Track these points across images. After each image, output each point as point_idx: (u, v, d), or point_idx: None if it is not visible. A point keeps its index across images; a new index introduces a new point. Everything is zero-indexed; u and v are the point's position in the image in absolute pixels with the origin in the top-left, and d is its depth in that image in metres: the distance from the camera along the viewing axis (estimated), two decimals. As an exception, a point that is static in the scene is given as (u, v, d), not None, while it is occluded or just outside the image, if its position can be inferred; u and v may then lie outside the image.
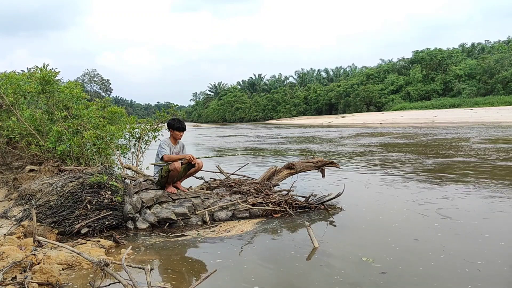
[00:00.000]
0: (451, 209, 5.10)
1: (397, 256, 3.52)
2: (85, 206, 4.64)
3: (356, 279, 3.07)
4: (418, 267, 3.26)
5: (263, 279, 3.17)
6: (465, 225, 4.39)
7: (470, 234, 4.07)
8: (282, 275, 3.23)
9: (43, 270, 3.08)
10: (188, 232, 4.52)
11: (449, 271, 3.14)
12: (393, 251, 3.65)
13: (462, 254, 3.50)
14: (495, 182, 6.72)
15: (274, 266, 3.42)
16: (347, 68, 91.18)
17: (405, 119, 38.55)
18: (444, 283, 2.95)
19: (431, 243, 3.82)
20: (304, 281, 3.08)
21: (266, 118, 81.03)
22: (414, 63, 59.73)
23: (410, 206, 5.35)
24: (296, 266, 3.40)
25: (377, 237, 4.12)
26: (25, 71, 20.55)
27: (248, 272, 3.32)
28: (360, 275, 3.13)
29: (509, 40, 59.18)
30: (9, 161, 8.32)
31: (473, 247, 3.70)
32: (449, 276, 3.06)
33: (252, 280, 3.14)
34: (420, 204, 5.41)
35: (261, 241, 4.14)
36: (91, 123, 7.05)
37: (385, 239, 4.02)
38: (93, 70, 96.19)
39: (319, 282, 3.05)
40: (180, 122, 5.27)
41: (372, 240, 4.04)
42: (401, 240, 3.97)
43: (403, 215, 4.94)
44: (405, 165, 9.25)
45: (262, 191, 5.48)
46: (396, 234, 4.19)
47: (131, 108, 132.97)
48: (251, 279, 3.16)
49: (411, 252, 3.64)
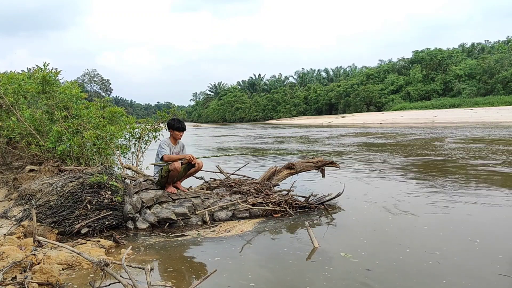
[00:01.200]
0: (441, 207, 5.10)
1: (397, 255, 3.52)
2: (85, 206, 4.64)
3: (356, 279, 3.07)
4: (418, 267, 3.26)
5: (263, 278, 3.17)
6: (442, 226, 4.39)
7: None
8: (282, 274, 3.23)
9: (43, 270, 3.08)
10: (188, 232, 4.52)
11: (449, 270, 3.14)
12: (393, 251, 3.65)
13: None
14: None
15: (274, 266, 3.42)
16: (347, 68, 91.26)
17: (405, 119, 38.55)
18: (441, 279, 2.95)
19: (431, 243, 3.82)
20: (304, 281, 3.08)
21: (266, 118, 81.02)
22: (414, 63, 59.74)
23: (410, 206, 5.35)
24: (296, 266, 3.40)
25: (377, 237, 4.12)
26: (25, 71, 20.51)
27: (248, 271, 3.32)
28: (360, 275, 3.13)
29: (509, 40, 59.17)
30: (9, 161, 8.32)
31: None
32: (449, 273, 3.07)
33: (252, 279, 3.14)
34: (421, 203, 5.41)
35: (261, 241, 4.14)
36: (91, 123, 7.05)
37: (385, 239, 4.03)
38: (93, 70, 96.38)
39: (319, 282, 3.05)
40: (180, 122, 5.28)
41: (372, 240, 4.04)
42: (401, 239, 3.97)
43: (403, 215, 4.94)
44: (401, 164, 9.25)
45: (262, 191, 5.48)
46: (396, 233, 4.19)
47: (131, 108, 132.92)
48: (251, 278, 3.16)
49: (411, 251, 3.64)
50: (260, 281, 3.11)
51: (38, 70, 7.33)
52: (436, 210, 5.09)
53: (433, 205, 5.36)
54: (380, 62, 73.36)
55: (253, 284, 3.06)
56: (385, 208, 5.35)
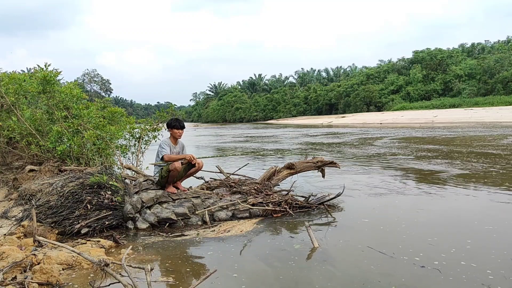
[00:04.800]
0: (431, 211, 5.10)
1: (397, 255, 3.52)
2: (85, 206, 4.64)
3: (356, 279, 3.07)
4: (418, 266, 3.26)
5: (262, 278, 3.17)
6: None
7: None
8: (281, 274, 3.23)
9: (43, 270, 3.09)
10: (188, 232, 4.52)
11: (450, 270, 3.15)
12: (393, 250, 3.65)
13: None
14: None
15: (274, 266, 3.42)
16: (347, 68, 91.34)
17: (405, 119, 38.56)
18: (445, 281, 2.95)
19: (430, 242, 3.82)
20: (304, 281, 3.08)
21: (266, 118, 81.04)
22: (414, 63, 59.78)
23: (411, 205, 5.35)
24: (296, 265, 3.40)
25: (377, 237, 4.12)
26: (25, 71, 20.53)
27: (247, 271, 3.32)
28: (360, 275, 3.13)
29: (509, 40, 59.22)
30: (9, 161, 8.32)
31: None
32: (449, 274, 3.07)
33: (251, 279, 3.14)
34: (422, 202, 5.41)
35: (261, 241, 4.14)
36: (91, 123, 7.06)
37: (385, 238, 4.03)
38: (93, 70, 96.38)
39: (319, 281, 3.05)
40: (178, 120, 5.29)
41: (372, 240, 4.04)
42: (401, 240, 3.97)
43: (403, 215, 4.94)
44: (402, 164, 9.26)
45: (262, 191, 5.48)
46: (396, 233, 4.20)
47: (131, 108, 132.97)
48: (251, 278, 3.16)
49: (411, 251, 3.64)
50: (260, 281, 3.11)
51: (40, 70, 7.33)
52: (437, 209, 5.09)
53: (433, 204, 5.37)
54: (380, 62, 73.49)
55: (253, 284, 3.06)
56: (385, 208, 5.35)
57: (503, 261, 3.32)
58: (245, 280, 3.13)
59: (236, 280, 3.16)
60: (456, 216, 4.88)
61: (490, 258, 3.40)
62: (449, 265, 3.27)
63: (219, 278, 3.14)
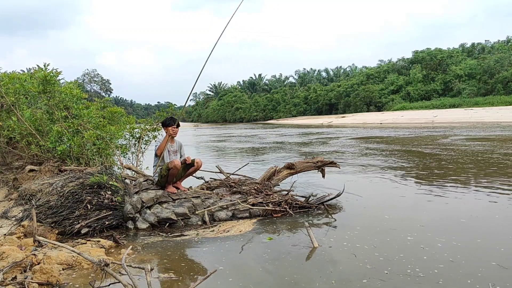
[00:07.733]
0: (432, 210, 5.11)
1: (397, 255, 3.52)
2: (85, 206, 4.64)
3: (356, 279, 3.07)
4: (417, 266, 3.27)
5: (262, 278, 3.17)
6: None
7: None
8: (281, 274, 3.23)
9: (43, 270, 3.09)
10: (188, 232, 4.52)
11: (450, 271, 3.15)
12: (393, 250, 3.65)
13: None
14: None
15: (273, 266, 3.42)
16: (347, 68, 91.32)
17: (405, 119, 38.56)
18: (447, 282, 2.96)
19: (431, 242, 3.83)
20: (304, 281, 3.08)
21: (266, 118, 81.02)
22: (414, 63, 59.76)
23: (411, 205, 5.35)
24: (295, 266, 3.40)
25: (377, 237, 4.12)
26: (25, 71, 20.55)
27: (247, 271, 3.32)
28: (360, 275, 3.14)
29: (509, 40, 59.22)
30: (9, 161, 8.32)
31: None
32: (450, 275, 3.07)
33: (251, 279, 3.14)
34: (421, 202, 5.41)
35: (261, 241, 4.14)
36: (91, 123, 7.06)
37: (385, 239, 4.03)
38: (93, 70, 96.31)
39: (319, 281, 3.05)
40: (172, 118, 5.30)
41: (372, 240, 4.04)
42: (400, 240, 3.97)
43: (403, 215, 4.94)
44: (402, 164, 9.26)
45: (262, 191, 5.49)
46: (396, 233, 4.20)
47: (131, 108, 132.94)
48: (250, 278, 3.16)
49: (412, 250, 3.64)
50: (259, 281, 3.11)
51: (40, 70, 7.33)
52: (437, 209, 5.09)
53: (434, 204, 5.37)
54: (380, 62, 73.45)
55: (252, 284, 3.06)
56: (385, 207, 5.35)
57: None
58: (245, 280, 3.13)
59: (235, 280, 3.16)
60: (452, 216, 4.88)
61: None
62: (449, 265, 3.27)
63: (218, 278, 3.14)
